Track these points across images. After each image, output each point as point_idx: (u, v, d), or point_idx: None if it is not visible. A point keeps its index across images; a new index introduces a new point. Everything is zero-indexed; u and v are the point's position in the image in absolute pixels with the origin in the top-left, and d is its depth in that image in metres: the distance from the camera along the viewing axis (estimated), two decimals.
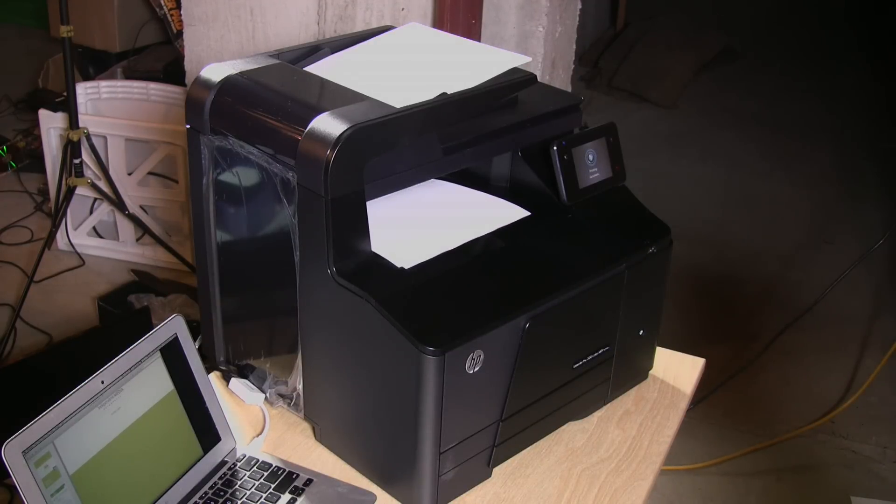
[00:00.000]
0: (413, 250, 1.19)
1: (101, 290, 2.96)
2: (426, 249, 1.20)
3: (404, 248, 1.19)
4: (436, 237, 1.23)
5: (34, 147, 3.60)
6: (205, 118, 1.23)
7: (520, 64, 1.30)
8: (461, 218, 1.29)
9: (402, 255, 1.18)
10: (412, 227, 1.26)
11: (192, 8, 2.93)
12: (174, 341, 1.19)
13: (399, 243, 1.20)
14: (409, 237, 1.23)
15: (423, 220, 1.29)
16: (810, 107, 4.75)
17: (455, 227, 1.26)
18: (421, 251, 1.19)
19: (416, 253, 1.19)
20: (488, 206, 1.33)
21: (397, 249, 1.18)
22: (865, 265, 3.20)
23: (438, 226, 1.27)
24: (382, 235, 1.19)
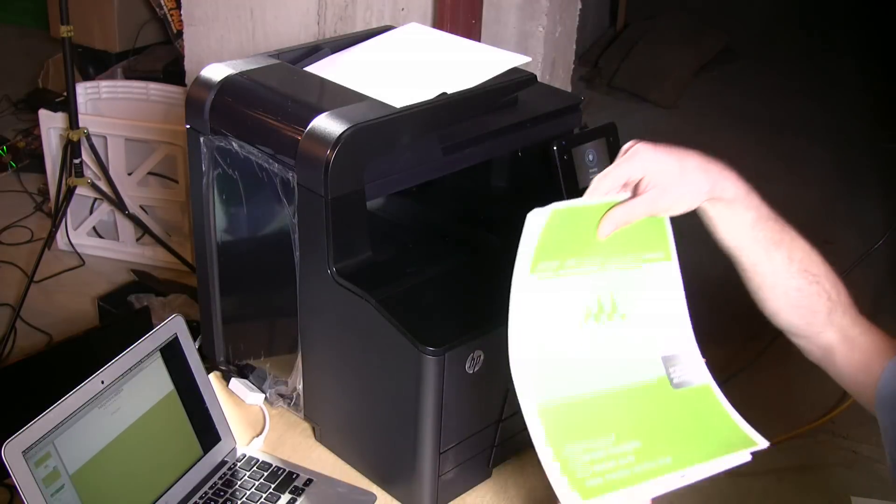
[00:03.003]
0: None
1: (101, 290, 2.96)
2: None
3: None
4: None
5: (34, 147, 3.60)
6: (205, 118, 1.23)
7: (520, 64, 1.30)
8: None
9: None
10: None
11: (192, 8, 2.93)
12: (174, 341, 1.19)
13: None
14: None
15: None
16: (810, 106, 4.75)
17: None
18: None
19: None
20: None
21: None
22: (865, 265, 3.19)
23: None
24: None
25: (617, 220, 0.94)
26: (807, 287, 1.04)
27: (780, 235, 1.03)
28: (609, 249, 0.95)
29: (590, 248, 0.94)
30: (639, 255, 0.97)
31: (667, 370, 0.96)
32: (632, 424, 0.93)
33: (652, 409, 0.95)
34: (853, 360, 1.06)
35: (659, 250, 0.98)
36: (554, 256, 0.92)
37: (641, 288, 0.97)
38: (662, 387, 0.96)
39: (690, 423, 0.96)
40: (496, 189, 1.41)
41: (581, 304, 0.93)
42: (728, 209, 1.00)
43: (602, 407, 0.92)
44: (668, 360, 0.97)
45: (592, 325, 0.93)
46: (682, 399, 0.96)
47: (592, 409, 0.92)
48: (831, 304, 1.05)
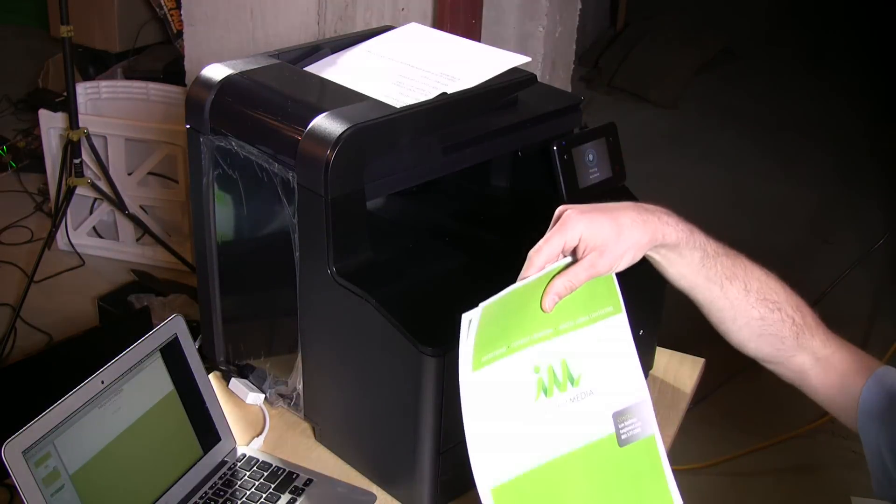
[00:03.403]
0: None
1: (101, 290, 2.96)
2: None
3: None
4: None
5: (34, 147, 3.60)
6: (205, 118, 1.23)
7: (520, 64, 1.30)
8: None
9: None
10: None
11: (192, 8, 2.93)
12: (174, 341, 1.19)
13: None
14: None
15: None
16: (810, 107, 4.75)
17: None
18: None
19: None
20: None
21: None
22: (865, 265, 3.20)
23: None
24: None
25: (559, 290, 0.94)
26: (769, 315, 1.04)
27: (731, 270, 1.03)
28: (559, 315, 0.95)
29: (537, 322, 0.95)
30: (589, 313, 0.97)
31: (616, 427, 0.97)
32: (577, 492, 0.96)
33: (596, 471, 0.96)
34: (829, 381, 1.06)
35: (608, 305, 0.98)
36: (498, 344, 0.93)
37: (594, 346, 0.97)
38: (608, 446, 0.97)
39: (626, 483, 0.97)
40: (496, 189, 1.41)
41: (532, 380, 0.94)
42: (673, 252, 1.01)
43: (553, 475, 0.95)
44: (619, 415, 0.98)
45: (544, 399, 0.95)
46: (624, 457, 0.97)
47: (544, 479, 0.94)
48: (797, 328, 1.05)
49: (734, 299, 1.03)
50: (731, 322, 1.05)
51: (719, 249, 1.03)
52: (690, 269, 1.02)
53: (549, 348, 0.95)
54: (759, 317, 1.04)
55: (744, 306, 1.03)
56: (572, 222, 0.95)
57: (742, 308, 1.03)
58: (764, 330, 1.04)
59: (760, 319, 1.04)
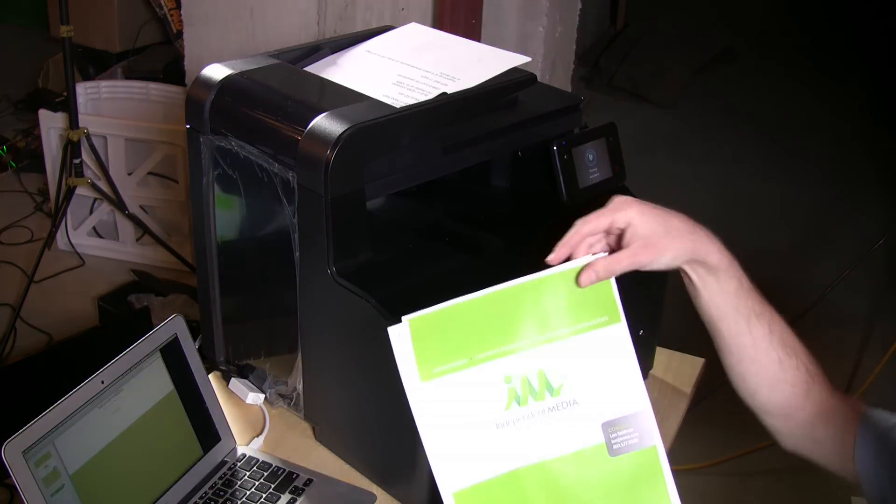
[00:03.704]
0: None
1: (101, 290, 2.96)
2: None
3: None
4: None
5: (34, 147, 3.60)
6: (205, 118, 1.23)
7: (520, 64, 1.30)
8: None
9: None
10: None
11: (192, 8, 2.93)
12: (174, 341, 1.19)
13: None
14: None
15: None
16: (810, 107, 4.75)
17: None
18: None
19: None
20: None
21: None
22: (865, 265, 3.20)
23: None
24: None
25: (599, 272, 0.94)
26: (786, 360, 1.03)
27: (760, 307, 1.02)
28: (535, 327, 0.95)
29: (506, 334, 0.94)
30: (577, 324, 0.96)
31: (606, 437, 0.96)
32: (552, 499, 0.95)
33: (577, 480, 0.96)
34: (830, 435, 1.04)
35: (603, 315, 0.97)
36: (454, 356, 0.93)
37: (580, 356, 0.96)
38: (597, 456, 0.96)
39: (616, 495, 0.96)
40: (496, 189, 1.41)
41: (502, 390, 0.94)
42: (712, 276, 1.00)
43: (527, 482, 0.94)
44: (610, 425, 0.96)
45: (516, 408, 0.94)
46: (616, 468, 0.96)
47: (516, 486, 0.94)
48: (810, 377, 1.04)
49: (758, 337, 1.02)
50: (750, 363, 1.03)
51: (751, 286, 1.02)
52: (724, 297, 1.01)
53: (522, 359, 0.95)
54: (777, 359, 1.03)
55: (765, 346, 1.02)
56: (626, 207, 0.96)
57: (763, 348, 1.02)
58: (779, 376, 1.03)
59: (779, 363, 1.03)
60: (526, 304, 0.95)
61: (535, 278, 0.95)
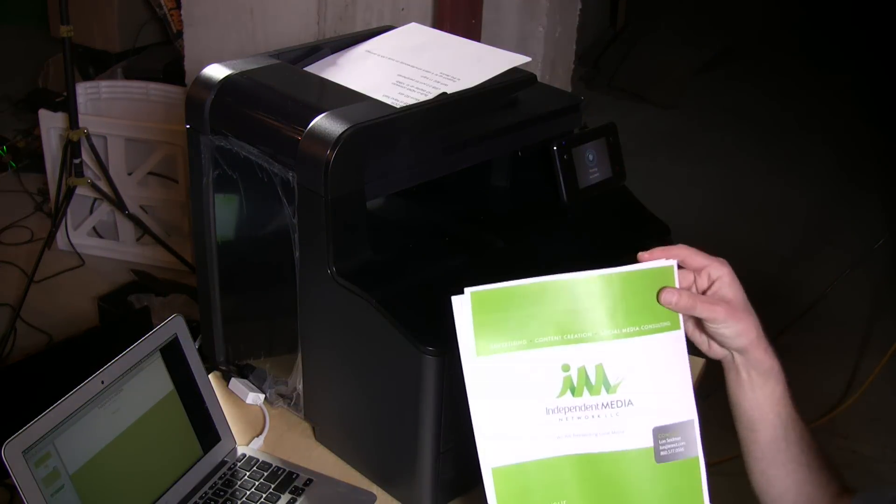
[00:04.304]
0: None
1: (101, 290, 2.96)
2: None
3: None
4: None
5: (34, 147, 3.60)
6: (205, 118, 1.23)
7: (520, 64, 1.30)
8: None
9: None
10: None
11: (192, 8, 2.94)
12: (174, 341, 1.19)
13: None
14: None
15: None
16: (810, 106, 4.75)
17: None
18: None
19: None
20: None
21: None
22: (865, 265, 3.20)
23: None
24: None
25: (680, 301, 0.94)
26: (814, 462, 1.03)
27: (796, 413, 1.02)
28: (602, 321, 0.95)
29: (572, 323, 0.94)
30: (640, 325, 0.96)
31: (655, 443, 0.96)
32: (588, 493, 0.94)
33: (619, 480, 0.95)
34: None
35: (665, 320, 0.97)
36: (514, 336, 0.93)
37: (641, 358, 0.96)
38: (643, 459, 0.96)
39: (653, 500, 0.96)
40: (496, 189, 1.41)
41: (558, 377, 0.94)
42: (762, 378, 1.00)
43: (569, 472, 0.94)
44: (661, 431, 0.96)
45: (570, 398, 0.94)
46: (660, 474, 0.96)
47: (551, 473, 0.94)
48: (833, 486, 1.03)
49: (792, 443, 1.02)
50: (782, 466, 1.03)
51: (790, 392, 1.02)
52: (770, 401, 1.01)
53: (583, 350, 0.94)
54: (806, 464, 1.03)
55: (797, 452, 1.02)
56: (725, 264, 0.98)
57: (795, 453, 1.02)
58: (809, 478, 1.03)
59: (807, 467, 1.03)
60: (594, 297, 0.94)
61: (608, 273, 0.94)
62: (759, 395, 1.01)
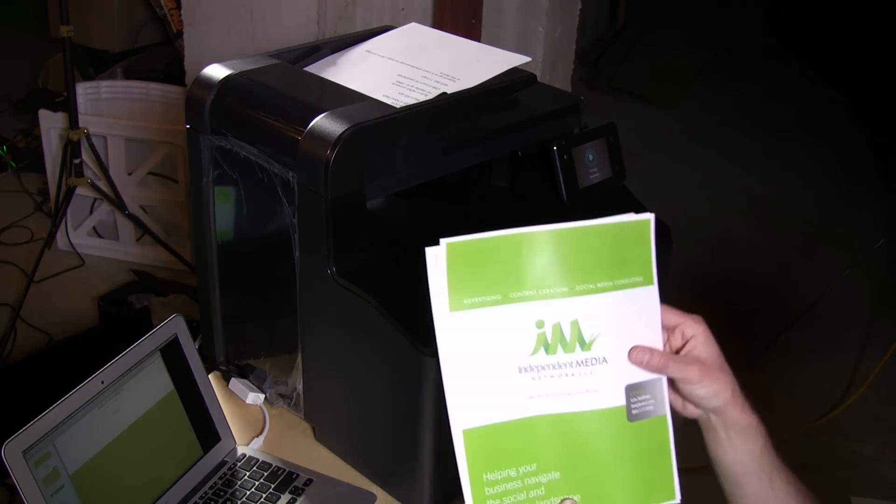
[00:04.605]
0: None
1: (101, 290, 2.96)
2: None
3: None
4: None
5: (34, 147, 3.60)
6: (205, 118, 1.23)
7: (520, 64, 1.30)
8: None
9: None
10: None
11: (192, 8, 2.93)
12: (174, 341, 1.19)
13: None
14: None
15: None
16: (810, 106, 4.75)
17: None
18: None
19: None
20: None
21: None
22: (865, 265, 3.20)
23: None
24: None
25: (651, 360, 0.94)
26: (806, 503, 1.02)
27: (779, 461, 1.01)
28: (576, 275, 0.93)
29: (547, 277, 0.92)
30: (614, 279, 0.94)
31: (628, 401, 0.95)
32: (561, 454, 0.93)
33: (592, 440, 0.94)
34: None
35: (638, 275, 0.95)
36: (489, 291, 0.91)
37: (615, 313, 0.94)
38: (616, 418, 0.94)
39: (625, 460, 0.95)
40: (496, 189, 1.41)
41: (532, 334, 0.92)
42: (741, 437, 0.99)
43: (534, 433, 0.92)
44: (633, 388, 0.95)
45: (543, 355, 0.92)
46: (631, 433, 0.95)
47: (523, 434, 0.92)
48: None
49: (779, 490, 1.01)
50: None
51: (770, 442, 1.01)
52: (751, 456, 0.99)
53: (558, 306, 0.92)
54: None
55: (784, 498, 1.01)
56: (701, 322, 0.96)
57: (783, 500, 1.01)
58: None
59: None
60: (569, 250, 0.92)
61: (585, 225, 0.92)
62: (739, 451, 0.99)
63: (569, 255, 0.92)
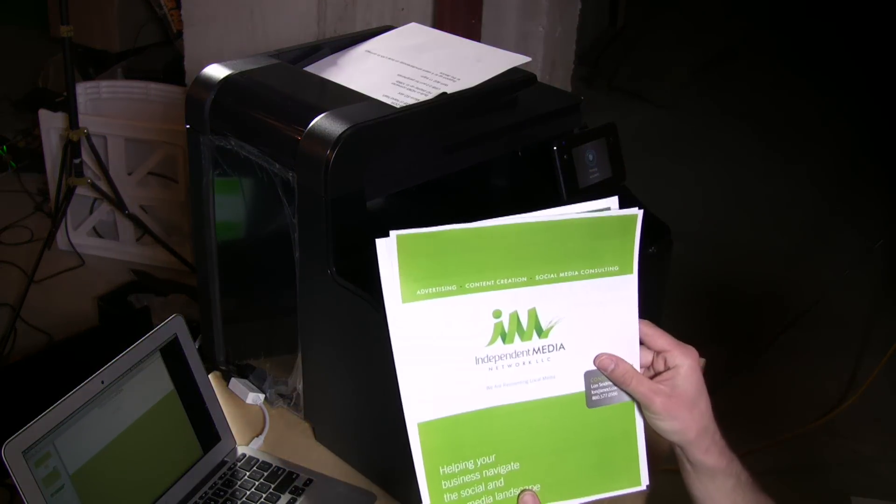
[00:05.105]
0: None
1: (101, 290, 2.96)
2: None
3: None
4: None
5: (34, 147, 3.60)
6: (205, 118, 1.23)
7: (520, 64, 1.30)
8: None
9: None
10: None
11: (192, 8, 2.94)
12: (174, 341, 1.19)
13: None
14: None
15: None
16: (810, 106, 4.75)
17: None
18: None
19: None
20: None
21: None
22: (865, 265, 3.20)
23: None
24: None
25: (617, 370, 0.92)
26: None
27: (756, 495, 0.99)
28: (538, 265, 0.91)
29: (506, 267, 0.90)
30: (581, 269, 0.92)
31: (587, 387, 0.93)
32: (520, 444, 0.92)
33: (551, 427, 0.93)
34: None
35: (614, 264, 0.93)
36: (443, 281, 0.88)
37: (581, 301, 0.92)
38: (574, 405, 0.93)
39: (586, 447, 0.94)
40: (496, 189, 1.41)
41: (489, 324, 0.90)
42: (708, 476, 0.96)
43: (492, 424, 0.91)
44: (593, 374, 0.93)
45: (500, 345, 0.91)
46: (592, 420, 0.93)
47: (480, 425, 0.90)
48: None
49: None
50: None
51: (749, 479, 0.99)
52: (721, 494, 0.97)
53: (516, 295, 0.90)
54: None
55: None
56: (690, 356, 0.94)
57: None
58: None
59: None
60: (535, 243, 0.90)
61: (553, 219, 0.90)
62: (709, 488, 0.97)
63: (533, 248, 0.90)
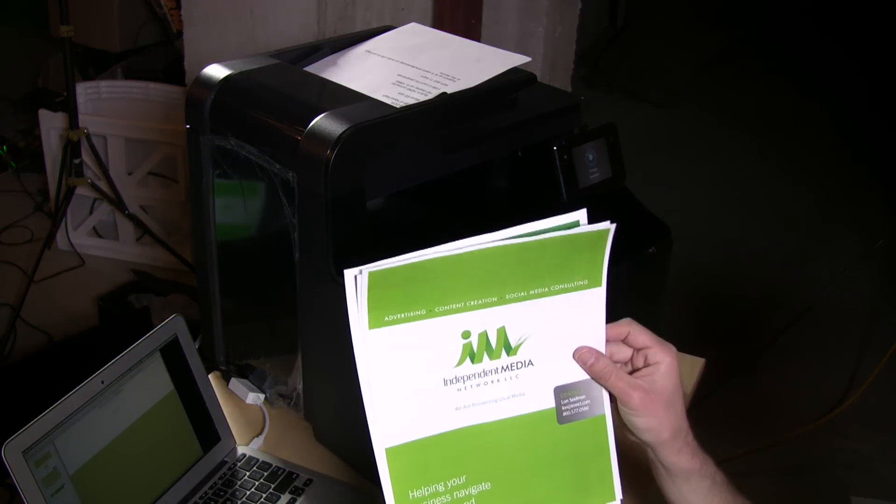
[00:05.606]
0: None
1: (101, 290, 2.96)
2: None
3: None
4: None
5: (34, 147, 3.60)
6: (205, 118, 1.23)
7: (520, 64, 1.30)
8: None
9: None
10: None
11: (192, 8, 2.94)
12: (174, 341, 1.19)
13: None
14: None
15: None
16: (810, 106, 4.75)
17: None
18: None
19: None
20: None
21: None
22: (865, 265, 3.20)
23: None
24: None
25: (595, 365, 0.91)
26: None
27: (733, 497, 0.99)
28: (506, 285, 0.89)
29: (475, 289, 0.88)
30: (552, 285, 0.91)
31: (557, 403, 0.92)
32: (491, 463, 0.90)
33: (522, 445, 0.91)
34: None
35: (583, 278, 0.92)
36: (412, 306, 0.87)
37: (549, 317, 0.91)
38: (545, 421, 0.92)
39: (559, 463, 0.93)
40: (496, 189, 1.41)
41: (457, 346, 0.89)
42: (681, 477, 0.96)
43: (462, 444, 0.89)
44: (562, 390, 0.92)
45: (468, 365, 0.89)
46: (563, 436, 0.92)
47: (450, 447, 0.89)
48: None
49: None
50: None
51: (725, 479, 0.99)
52: (696, 495, 0.97)
53: (485, 315, 0.89)
54: None
55: None
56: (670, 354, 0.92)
57: None
58: None
59: None
60: (507, 265, 0.89)
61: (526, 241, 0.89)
62: (684, 490, 0.96)
63: (502, 270, 0.89)
